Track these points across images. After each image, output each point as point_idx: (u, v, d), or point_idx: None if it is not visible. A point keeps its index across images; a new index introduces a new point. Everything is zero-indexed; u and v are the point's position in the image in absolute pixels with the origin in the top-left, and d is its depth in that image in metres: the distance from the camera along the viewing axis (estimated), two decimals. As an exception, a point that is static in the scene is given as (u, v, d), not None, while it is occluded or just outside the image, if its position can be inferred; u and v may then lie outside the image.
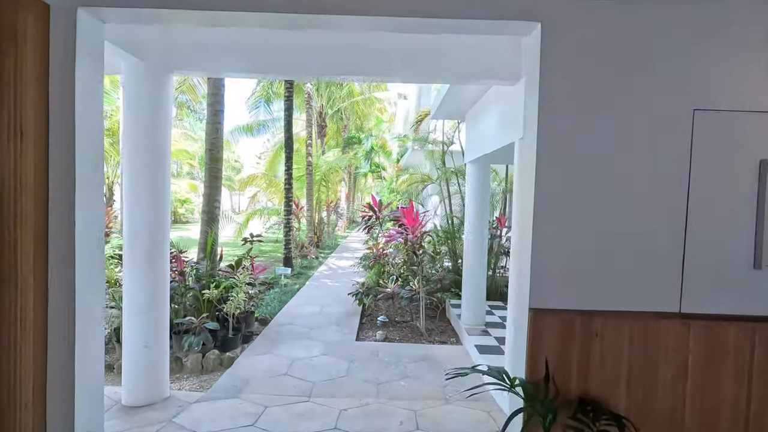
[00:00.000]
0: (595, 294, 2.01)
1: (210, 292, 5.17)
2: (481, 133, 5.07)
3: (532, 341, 2.01)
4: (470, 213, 5.75)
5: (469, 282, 5.79)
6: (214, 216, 5.84)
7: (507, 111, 3.94)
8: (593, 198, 2.09)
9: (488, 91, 4.63)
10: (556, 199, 2.10)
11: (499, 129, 4.20)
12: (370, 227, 7.13)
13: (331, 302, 7.50)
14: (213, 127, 5.87)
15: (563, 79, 2.15)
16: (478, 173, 5.66)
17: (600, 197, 2.09)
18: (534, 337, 2.00)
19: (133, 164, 3.48)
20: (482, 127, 5.02)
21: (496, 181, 8.69)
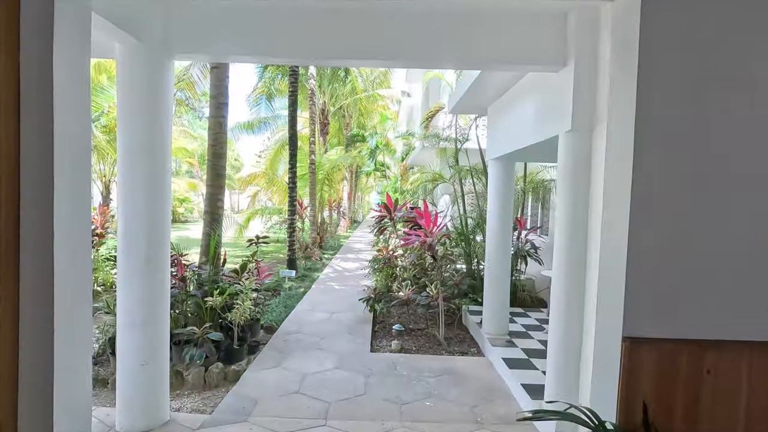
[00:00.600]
0: (705, 320, 1.62)
1: (213, 300, 4.75)
2: (509, 127, 4.67)
3: (625, 378, 1.61)
4: (493, 214, 5.35)
5: (492, 288, 5.38)
6: (217, 216, 5.42)
7: (547, 101, 3.54)
8: (703, 204, 1.68)
9: (520, 81, 4.23)
10: (657, 205, 1.69)
11: (536, 122, 3.79)
12: (382, 228, 6.73)
13: (340, 308, 7.09)
14: (216, 122, 5.44)
15: (664, 62, 1.74)
16: (502, 171, 5.25)
17: (711, 203, 1.68)
18: (628, 373, 1.61)
19: (129, 159, 3.07)
20: (510, 121, 4.62)
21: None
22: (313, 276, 10.00)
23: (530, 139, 3.93)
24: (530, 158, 5.70)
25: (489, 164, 5.43)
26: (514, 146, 4.45)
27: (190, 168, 34.48)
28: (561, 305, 3.19)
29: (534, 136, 3.84)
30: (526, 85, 4.04)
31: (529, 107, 3.97)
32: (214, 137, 5.44)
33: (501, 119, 5.00)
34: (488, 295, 5.43)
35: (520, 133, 4.25)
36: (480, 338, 5.51)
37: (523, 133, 4.13)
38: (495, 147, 5.23)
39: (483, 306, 5.56)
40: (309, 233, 13.23)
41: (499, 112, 5.02)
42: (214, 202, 5.41)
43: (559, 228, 3.22)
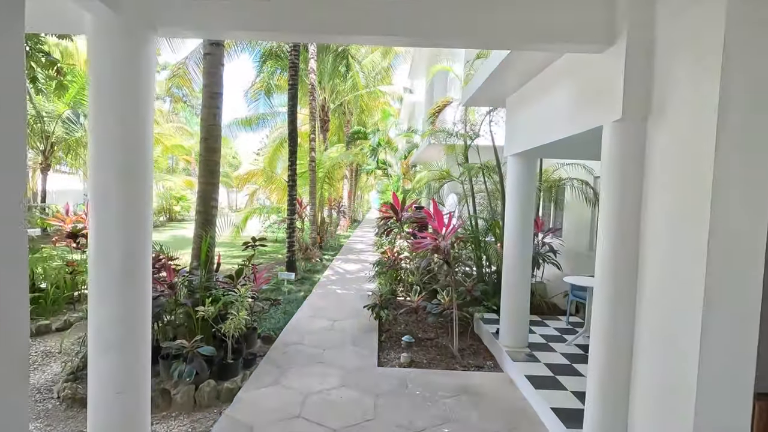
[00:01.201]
0: None
1: (205, 310, 4.29)
2: (535, 119, 4.21)
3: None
4: (511, 215, 4.90)
5: (510, 296, 4.94)
6: (210, 217, 4.94)
7: (588, 87, 3.08)
8: None
9: (550, 66, 3.77)
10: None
11: (573, 111, 3.33)
12: (389, 230, 6.27)
13: (343, 314, 6.64)
14: (209, 113, 4.95)
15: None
16: (523, 168, 4.80)
17: None
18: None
19: (102, 152, 2.60)
20: (536, 113, 4.16)
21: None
22: (314, 278, 9.55)
23: (563, 131, 3.47)
24: (558, 154, 5.21)
25: (507, 161, 4.97)
26: (541, 140, 3.99)
27: (186, 165, 33.98)
28: (605, 321, 2.75)
29: (568, 127, 3.39)
30: (559, 71, 3.58)
31: (563, 95, 3.51)
32: (207, 130, 4.94)
33: (523, 111, 4.54)
34: (506, 303, 4.98)
35: (549, 126, 3.79)
36: (496, 350, 5.06)
37: (554, 125, 3.68)
38: (515, 142, 4.77)
39: (500, 315, 5.10)
40: (309, 233, 12.76)
41: (522, 103, 4.56)
42: (208, 201, 4.93)
43: (604, 231, 2.78)
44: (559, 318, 6.21)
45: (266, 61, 14.82)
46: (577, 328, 5.73)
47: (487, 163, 7.16)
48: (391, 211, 6.03)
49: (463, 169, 7.46)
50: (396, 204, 5.96)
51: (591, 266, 6.95)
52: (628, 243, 2.67)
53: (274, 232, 18.85)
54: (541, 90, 4.00)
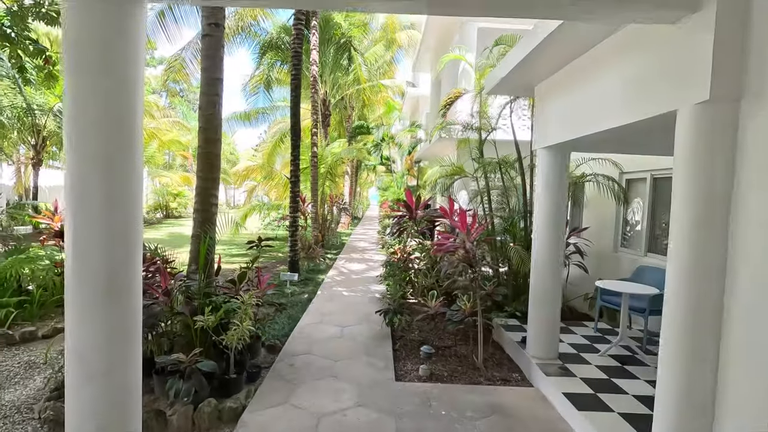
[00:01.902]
0: None
1: (204, 319, 3.84)
2: (574, 108, 3.77)
3: None
4: (541, 214, 4.46)
5: (540, 303, 4.50)
6: (209, 215, 4.47)
7: (658, 65, 2.63)
8: None
9: (600, 45, 3.32)
10: None
11: (635, 95, 2.88)
12: (401, 230, 5.83)
13: (352, 319, 6.20)
14: (208, 100, 4.47)
15: None
16: (556, 163, 4.35)
17: None
18: None
19: (79, 142, 2.14)
20: (576, 100, 3.72)
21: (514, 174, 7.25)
22: (317, 279, 9.10)
23: (616, 119, 3.02)
24: (601, 147, 4.72)
25: (538, 154, 4.53)
26: (583, 131, 3.55)
27: (183, 161, 33.42)
28: (682, 335, 2.33)
29: (625, 115, 2.94)
30: (613, 49, 3.12)
31: (616, 78, 3.06)
32: (206, 119, 4.46)
33: (558, 99, 4.09)
34: (535, 310, 4.55)
35: (594, 114, 3.35)
36: (523, 361, 4.63)
37: (602, 113, 3.23)
38: (547, 133, 4.33)
39: (527, 322, 4.67)
40: (311, 232, 12.30)
41: (556, 90, 4.11)
42: (207, 198, 4.46)
43: (681, 235, 2.34)
44: (584, 324, 5.79)
45: (266, 52, 14.31)
46: (608, 336, 5.31)
47: (505, 157, 6.71)
48: (404, 209, 5.58)
49: (479, 164, 7.01)
50: (410, 201, 5.51)
51: (615, 268, 6.61)
52: (713, 249, 2.24)
53: (274, 230, 18.40)
54: (584, 74, 3.55)
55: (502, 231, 6.47)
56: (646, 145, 4.31)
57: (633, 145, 4.26)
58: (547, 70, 4.10)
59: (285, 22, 14.60)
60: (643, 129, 3.14)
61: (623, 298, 4.64)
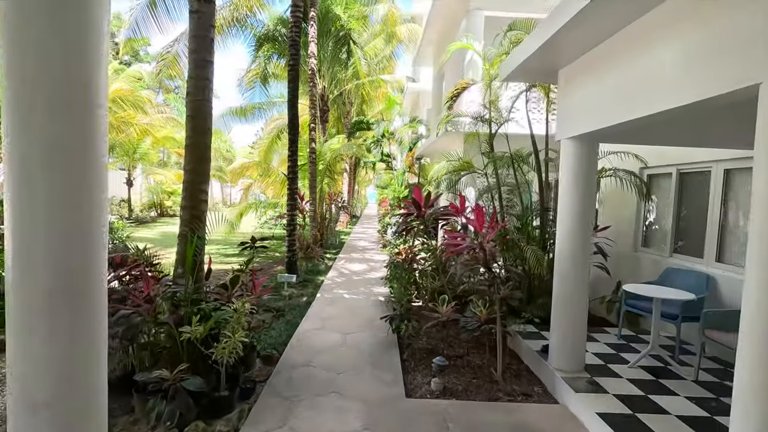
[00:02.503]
0: None
1: (192, 330, 3.39)
2: (610, 91, 3.34)
3: None
4: (566, 211, 4.03)
5: (564, 309, 4.08)
6: (199, 213, 4.00)
7: (733, 31, 2.19)
8: None
9: (643, 18, 2.88)
10: None
11: (690, 71, 2.45)
12: (408, 230, 5.39)
13: (355, 325, 5.76)
14: (197, 85, 4.00)
15: None
16: (583, 155, 3.92)
17: None
18: None
19: (22, 126, 1.69)
20: (613, 82, 3.29)
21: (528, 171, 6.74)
22: (317, 281, 8.66)
23: (675, 99, 2.59)
24: (635, 137, 4.21)
25: (561, 146, 4.10)
26: (624, 116, 3.12)
27: (179, 159, 32.85)
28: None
29: (680, 95, 2.51)
30: (669, 17, 2.68)
31: (675, 50, 2.62)
32: (195, 106, 3.99)
33: (589, 82, 3.66)
34: (559, 317, 4.13)
35: (643, 96, 2.91)
36: (545, 373, 4.21)
37: (655, 93, 2.79)
38: (574, 122, 3.90)
39: (550, 331, 4.25)
40: (310, 231, 11.84)
41: (587, 72, 3.68)
42: (195, 194, 3.99)
43: (761, 234, 1.92)
44: (605, 330, 5.38)
45: (262, 45, 13.81)
46: (633, 344, 4.90)
47: (518, 151, 6.29)
48: (411, 206, 5.14)
49: (489, 159, 6.59)
50: (418, 198, 5.08)
51: (635, 269, 6.18)
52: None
53: (270, 228, 17.94)
54: (624, 51, 3.12)
55: (515, 230, 6.04)
56: (698, 134, 3.89)
57: (678, 134, 3.83)
58: (576, 50, 3.67)
59: (282, 14, 14.11)
60: (700, 112, 2.71)
61: (655, 303, 4.22)
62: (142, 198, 27.04)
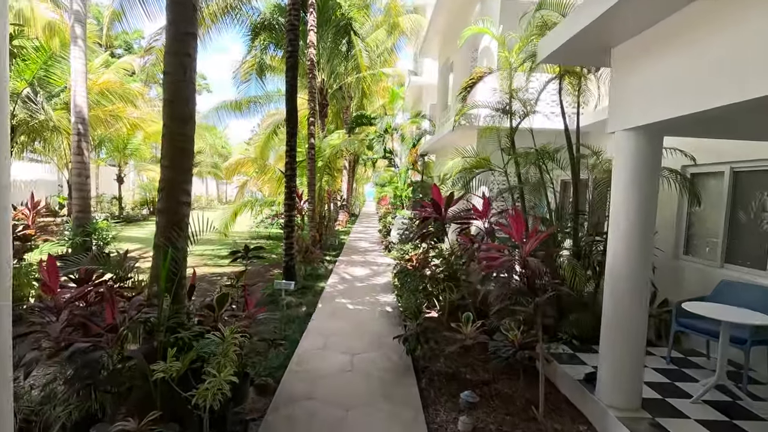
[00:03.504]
0: None
1: (166, 367, 2.69)
2: (686, 71, 2.66)
3: None
4: (622, 214, 3.37)
5: (617, 331, 3.41)
6: (178, 218, 3.26)
7: None
8: None
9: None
10: None
11: None
12: (425, 235, 4.70)
13: (362, 343, 5.08)
14: (177, 63, 3.26)
15: None
16: (644, 149, 3.25)
17: None
18: None
19: None
20: (692, 60, 2.61)
21: (555, 168, 6.04)
22: (317, 287, 7.96)
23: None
24: (712, 129, 3.49)
25: (617, 139, 3.42)
26: (706, 102, 2.44)
27: (172, 155, 31.95)
28: None
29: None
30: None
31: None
32: (174, 88, 3.25)
33: (655, 62, 2.98)
34: (610, 341, 3.46)
35: (732, 76, 2.23)
36: (591, 409, 3.55)
37: (749, 73, 2.11)
38: (634, 110, 3.22)
39: (599, 357, 3.58)
40: (308, 231, 11.13)
41: (654, 49, 3.00)
42: (174, 195, 3.25)
43: None
44: (648, 351, 4.71)
45: (258, 34, 13.03)
46: (685, 369, 4.24)
47: (546, 146, 5.61)
48: (430, 209, 4.46)
49: (510, 156, 5.92)
50: (438, 199, 4.40)
51: (677, 280, 5.48)
52: None
53: (267, 228, 17.22)
54: (700, 24, 2.44)
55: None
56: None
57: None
58: (642, 23, 2.99)
59: (278, 1, 13.34)
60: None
61: (724, 328, 3.56)
62: (134, 195, 26.19)
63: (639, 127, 3.20)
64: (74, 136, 9.69)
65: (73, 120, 9.63)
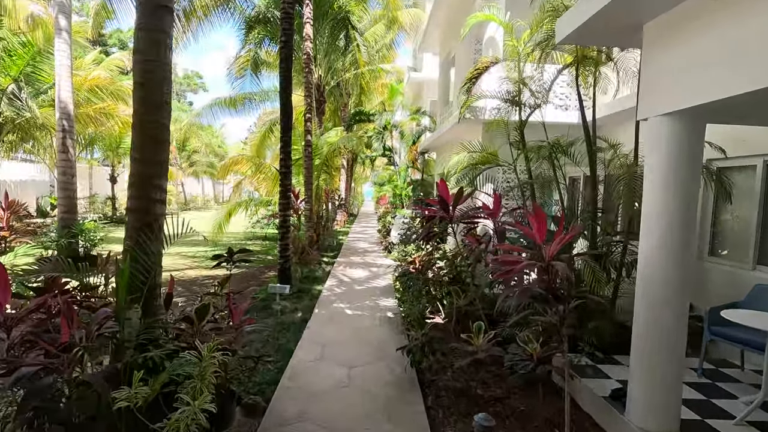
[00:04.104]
0: None
1: (131, 394, 2.27)
2: (734, 45, 2.25)
3: None
4: (657, 212, 2.97)
5: (650, 343, 3.01)
6: (150, 218, 2.83)
7: None
8: None
9: None
10: None
11: None
12: (431, 235, 4.29)
13: (362, 354, 4.66)
14: (149, 39, 2.83)
15: None
16: (684, 137, 2.84)
17: None
18: None
19: None
20: (743, 32, 2.20)
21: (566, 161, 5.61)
22: (313, 291, 7.54)
23: None
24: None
25: (650, 126, 3.01)
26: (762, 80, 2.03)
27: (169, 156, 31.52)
28: None
29: None
30: None
31: None
32: (144, 69, 2.81)
33: (696, 37, 2.57)
34: (643, 355, 3.05)
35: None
36: (617, 428, 3.15)
37: None
38: (672, 92, 2.82)
39: (630, 374, 3.17)
40: (305, 231, 10.71)
41: (693, 23, 2.59)
42: (147, 192, 2.82)
43: None
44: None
45: (253, 28, 12.60)
46: (719, 383, 3.83)
47: (560, 139, 5.20)
48: (437, 207, 4.06)
49: (520, 150, 5.52)
50: (446, 196, 3.99)
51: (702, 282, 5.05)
52: None
53: (263, 228, 16.77)
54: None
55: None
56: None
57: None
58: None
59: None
60: None
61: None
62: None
63: (679, 111, 2.79)
64: (59, 132, 9.26)
65: (58, 116, 9.19)
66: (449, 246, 7.48)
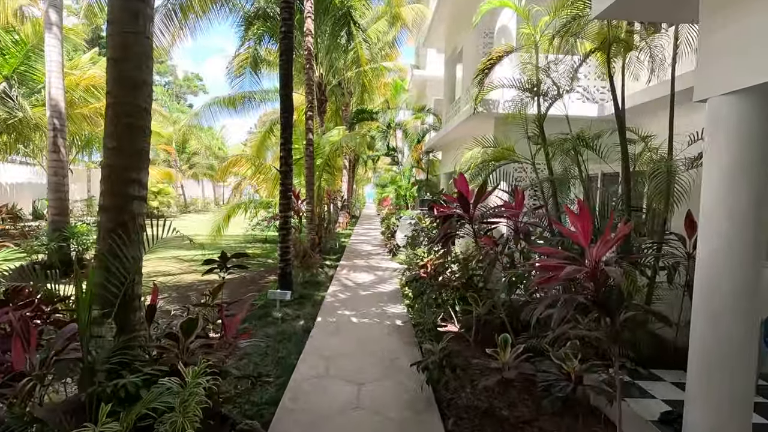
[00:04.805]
0: None
1: None
2: None
3: None
4: (721, 207, 2.56)
5: (711, 360, 2.57)
6: (126, 218, 2.40)
7: None
8: None
9: None
10: None
11: None
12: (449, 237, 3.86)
13: (371, 369, 4.21)
14: (124, 7, 2.37)
15: None
16: (756, 119, 2.41)
17: None
18: None
19: None
20: None
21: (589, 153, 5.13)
22: (316, 296, 7.10)
23: None
24: None
25: (711, 108, 2.59)
26: None
27: (167, 156, 31.16)
28: None
29: None
30: None
31: None
32: (122, 44, 2.37)
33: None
34: (702, 377, 2.61)
35: None
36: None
37: None
38: (742, 67, 2.39)
39: (686, 397, 2.73)
40: (306, 234, 10.28)
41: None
42: (122, 187, 2.38)
43: None
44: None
45: (252, 24, 12.20)
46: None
47: (582, 132, 4.77)
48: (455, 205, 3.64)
49: (540, 145, 5.09)
50: (465, 192, 3.56)
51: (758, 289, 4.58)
52: None
53: (263, 230, 16.35)
54: None
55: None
56: None
57: None
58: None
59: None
60: None
61: None
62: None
63: (747, 89, 2.36)
64: (50, 131, 8.86)
65: (49, 114, 8.79)
66: (459, 248, 7.06)
